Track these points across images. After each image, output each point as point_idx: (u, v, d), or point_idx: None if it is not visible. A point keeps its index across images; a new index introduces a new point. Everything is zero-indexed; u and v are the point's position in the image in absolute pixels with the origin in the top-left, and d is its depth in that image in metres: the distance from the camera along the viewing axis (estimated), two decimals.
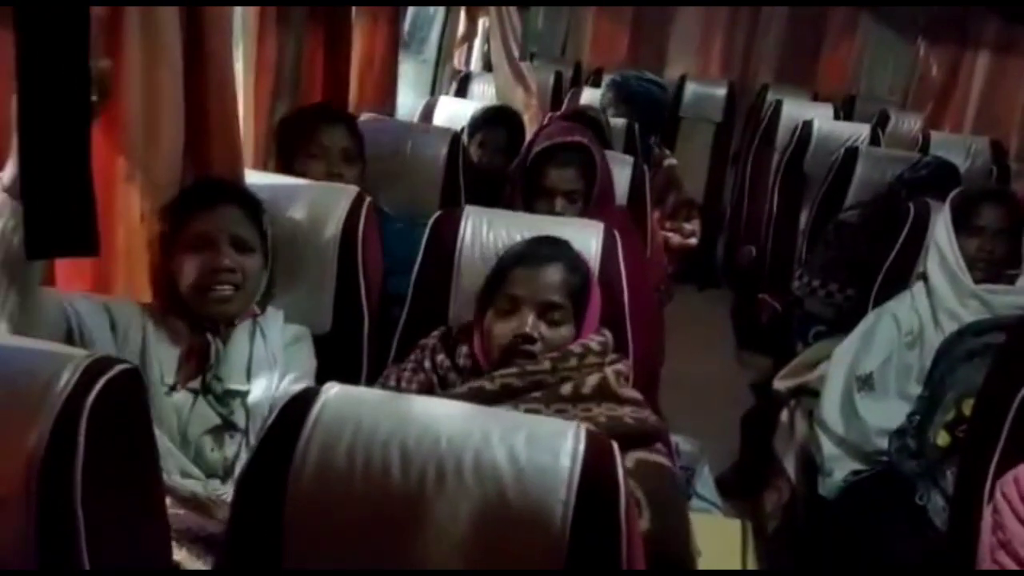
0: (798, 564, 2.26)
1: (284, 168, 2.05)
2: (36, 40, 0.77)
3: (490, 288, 1.44)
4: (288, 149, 2.07)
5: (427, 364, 1.45)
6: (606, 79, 3.80)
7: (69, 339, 1.39)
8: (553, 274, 1.39)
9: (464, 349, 1.44)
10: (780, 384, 2.59)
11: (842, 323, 2.46)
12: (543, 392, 1.31)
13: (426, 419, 0.90)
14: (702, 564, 1.77)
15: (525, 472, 0.86)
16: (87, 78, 0.83)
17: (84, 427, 0.90)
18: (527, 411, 1.25)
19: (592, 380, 1.34)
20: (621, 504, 0.87)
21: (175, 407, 1.47)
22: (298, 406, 0.91)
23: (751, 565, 1.92)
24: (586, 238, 1.66)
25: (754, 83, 5.35)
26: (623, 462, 0.92)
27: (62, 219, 0.86)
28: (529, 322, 1.36)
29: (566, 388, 1.32)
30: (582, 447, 0.88)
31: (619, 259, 1.67)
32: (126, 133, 1.49)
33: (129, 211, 1.55)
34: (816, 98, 4.93)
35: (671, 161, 3.57)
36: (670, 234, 3.39)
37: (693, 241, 3.44)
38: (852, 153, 3.15)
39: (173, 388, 1.48)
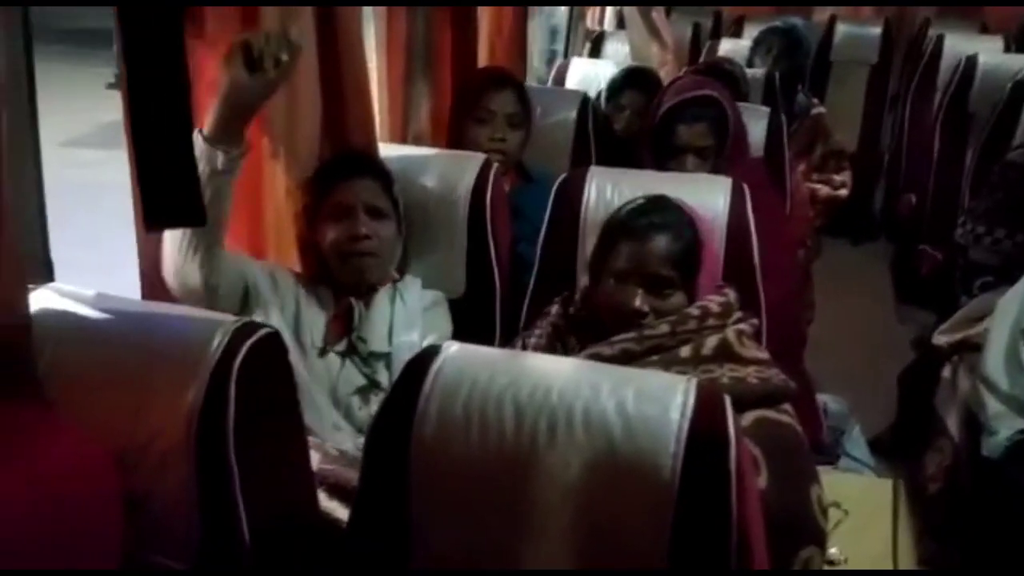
0: (960, 528, 2.14)
1: (456, 134, 2.11)
2: (137, 34, 0.85)
3: (597, 259, 1.43)
4: (459, 114, 2.13)
5: (550, 331, 1.47)
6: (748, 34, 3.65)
7: (245, 295, 1.54)
8: (657, 246, 1.35)
9: (584, 314, 1.45)
10: (942, 339, 2.44)
11: (1010, 272, 2.28)
12: (662, 356, 1.30)
13: (538, 374, 0.93)
14: (849, 525, 1.72)
15: (634, 425, 0.87)
16: (183, 65, 0.90)
17: (234, 385, 0.99)
18: None
19: (712, 341, 1.32)
20: (731, 459, 0.87)
21: (326, 368, 1.58)
22: (420, 364, 0.96)
23: (903, 526, 1.84)
24: (713, 194, 1.62)
25: (913, 19, 4.97)
26: (739, 420, 0.92)
27: (173, 195, 0.95)
28: (638, 297, 1.34)
29: (685, 351, 1.31)
30: (692, 400, 0.89)
31: (749, 215, 1.62)
32: (268, 114, 1.59)
33: (275, 187, 1.67)
34: (985, 31, 4.52)
35: (819, 110, 3.40)
36: (817, 186, 3.25)
37: (843, 193, 3.28)
38: (1020, 87, 2.88)
39: (324, 351, 1.59)
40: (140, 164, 0.90)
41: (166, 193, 0.93)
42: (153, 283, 1.41)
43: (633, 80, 2.69)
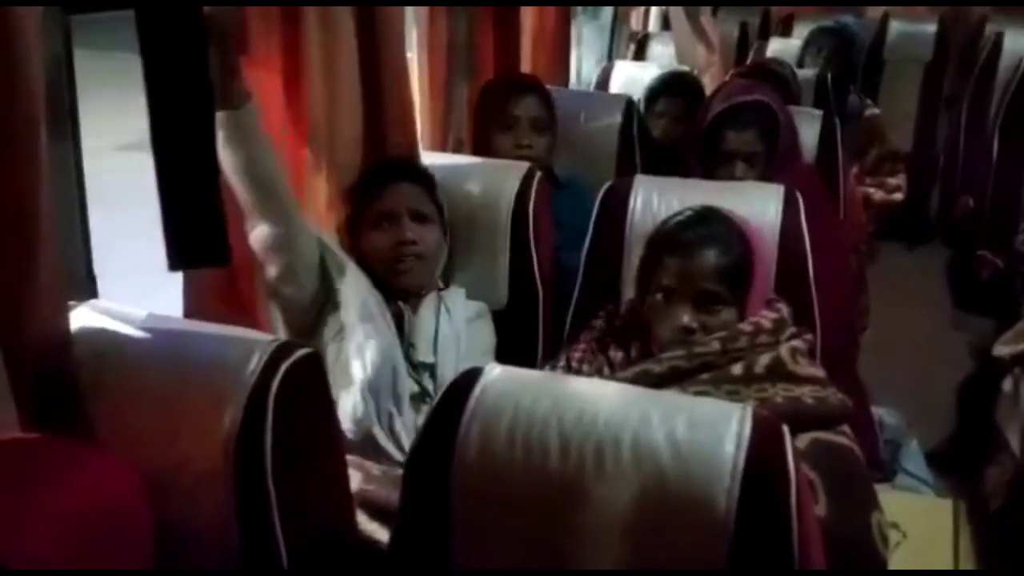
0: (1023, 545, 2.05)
1: (480, 141, 2.09)
2: (159, 63, 0.83)
3: (643, 273, 1.38)
4: (482, 122, 2.11)
5: (595, 346, 1.43)
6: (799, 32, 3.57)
7: (321, 264, 1.53)
8: (704, 261, 1.30)
9: (630, 329, 1.41)
10: (1003, 349, 2.35)
11: None
12: (712, 374, 1.25)
13: (583, 400, 0.89)
14: (908, 548, 1.66)
15: (686, 457, 0.83)
16: (210, 99, 0.88)
17: (271, 408, 0.97)
18: (696, 394, 1.19)
19: (764, 359, 1.26)
20: (792, 493, 0.82)
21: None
22: (461, 387, 0.93)
23: (964, 549, 1.77)
24: (764, 203, 1.56)
25: (969, 15, 4.80)
26: (796, 444, 0.87)
27: (197, 235, 0.93)
28: (686, 315, 1.29)
29: (737, 369, 1.25)
30: (748, 430, 0.84)
31: (802, 223, 1.56)
32: (310, 125, 1.58)
33: (316, 198, 1.65)
34: None
35: (873, 111, 3.31)
36: (872, 190, 3.17)
37: (898, 196, 3.19)
38: None
39: None
40: (165, 204, 0.88)
41: (191, 233, 0.91)
42: (196, 298, 1.40)
43: (671, 86, 2.63)
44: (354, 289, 1.54)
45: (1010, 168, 3.26)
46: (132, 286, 1.30)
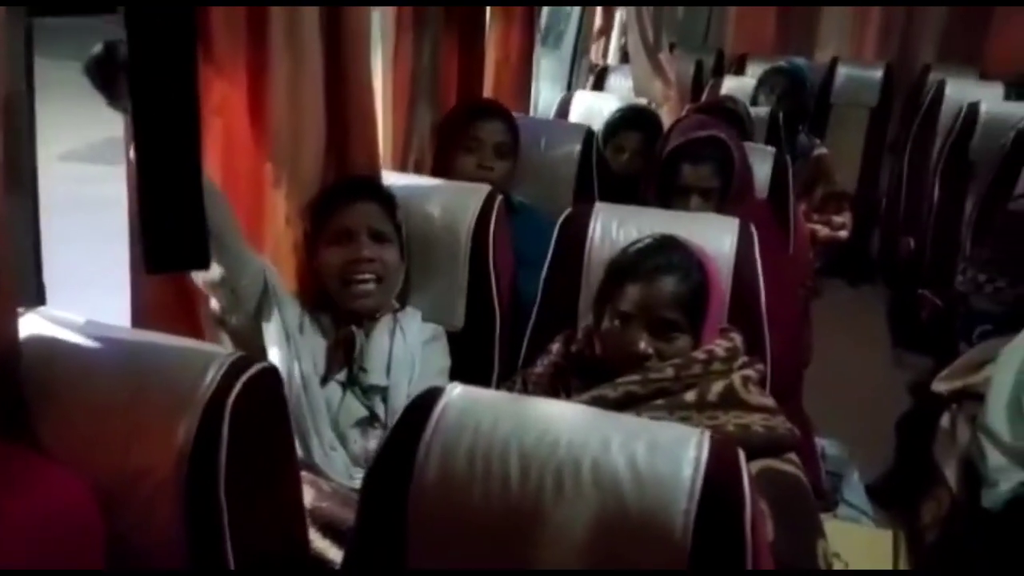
0: None
1: (441, 163, 2.09)
2: (146, 65, 0.82)
3: (601, 298, 1.40)
4: (445, 143, 2.11)
5: (551, 370, 1.44)
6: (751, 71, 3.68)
7: (265, 292, 1.52)
8: (663, 288, 1.32)
9: (587, 354, 1.42)
10: (941, 386, 2.42)
11: (1011, 322, 2.28)
12: (666, 400, 1.27)
13: (545, 422, 0.90)
14: None
15: (645, 481, 0.84)
16: (195, 103, 0.88)
17: (227, 421, 0.95)
18: (650, 419, 1.21)
19: (717, 387, 1.29)
20: (746, 516, 0.84)
21: (327, 398, 1.54)
22: (421, 407, 0.93)
23: None
24: (720, 235, 1.60)
25: (914, 63, 5.00)
26: (749, 470, 0.89)
27: (177, 238, 0.92)
28: (643, 341, 1.32)
29: (690, 395, 1.28)
30: (705, 455, 0.85)
31: (755, 256, 1.60)
32: (273, 140, 1.56)
33: (276, 214, 1.64)
34: (984, 77, 4.55)
35: (821, 150, 3.41)
36: (818, 227, 3.25)
37: (843, 234, 3.28)
38: (1023, 137, 2.89)
39: (325, 379, 1.55)
40: (145, 205, 0.86)
41: (171, 236, 0.89)
42: (143, 310, 1.37)
43: (629, 120, 2.68)
44: (277, 333, 1.53)
45: (950, 211, 3.38)
46: (74, 297, 1.28)
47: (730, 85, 3.81)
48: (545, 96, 3.38)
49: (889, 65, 4.75)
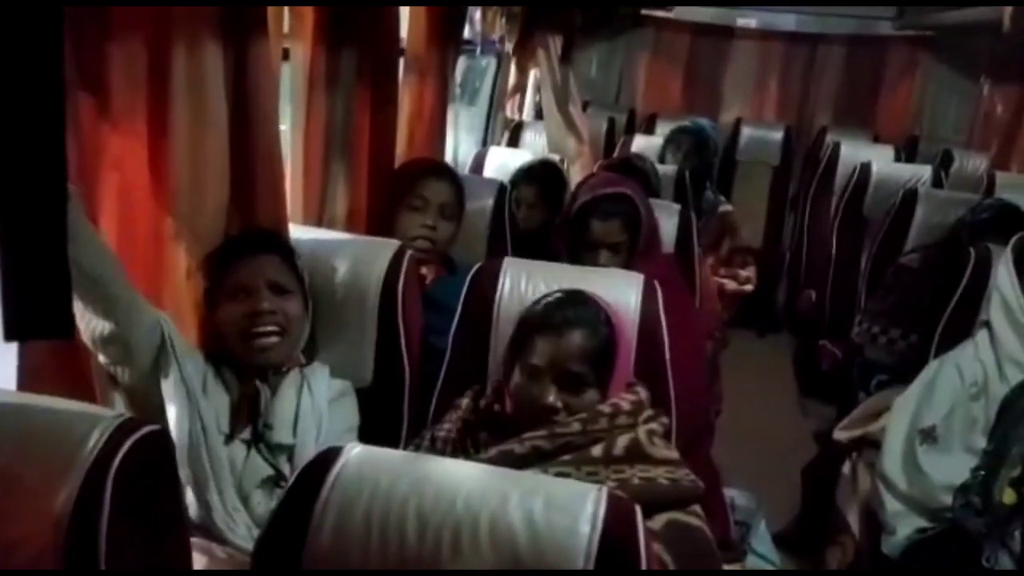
0: None
1: (386, 220, 2.09)
2: (6, 127, 0.79)
3: (511, 353, 1.41)
4: (391, 201, 2.11)
5: (460, 425, 1.43)
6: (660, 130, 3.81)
7: (162, 346, 1.44)
8: (572, 342, 1.35)
9: (495, 408, 1.42)
10: (841, 435, 2.49)
11: (904, 372, 2.36)
12: (573, 455, 1.28)
13: (443, 481, 0.89)
14: None
15: (542, 537, 0.84)
16: (63, 162, 0.85)
17: (110, 488, 0.91)
18: (557, 474, 1.21)
19: (623, 441, 1.30)
20: (643, 570, 0.84)
21: (231, 457, 1.49)
22: (317, 468, 0.91)
23: None
24: (625, 290, 1.63)
25: (812, 126, 5.28)
26: (649, 525, 0.89)
27: (40, 306, 0.88)
28: (551, 394, 1.33)
29: (596, 450, 1.29)
30: (603, 511, 0.86)
31: (659, 311, 1.64)
32: (174, 194, 1.53)
33: (175, 269, 1.60)
34: (877, 140, 4.83)
35: (726, 207, 3.53)
36: (725, 280, 3.35)
37: (748, 288, 3.39)
38: (911, 195, 3.07)
39: (229, 438, 1.50)
40: (7, 267, 0.82)
41: (34, 302, 0.85)
42: (32, 372, 1.30)
43: (527, 174, 2.76)
44: (176, 389, 1.46)
45: (846, 264, 3.53)
46: None
47: (640, 143, 3.94)
48: (464, 150, 3.42)
49: (788, 127, 5.00)
